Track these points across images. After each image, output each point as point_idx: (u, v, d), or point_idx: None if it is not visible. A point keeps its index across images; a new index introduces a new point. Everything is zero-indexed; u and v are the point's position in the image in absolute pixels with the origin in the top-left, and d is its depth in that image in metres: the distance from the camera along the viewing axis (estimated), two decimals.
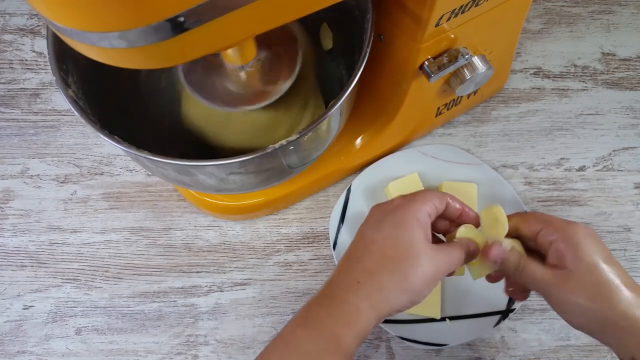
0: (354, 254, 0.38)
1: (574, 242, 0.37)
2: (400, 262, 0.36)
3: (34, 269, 0.56)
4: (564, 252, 0.37)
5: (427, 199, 0.39)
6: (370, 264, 0.37)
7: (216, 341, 0.53)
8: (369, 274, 0.36)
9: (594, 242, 0.37)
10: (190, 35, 0.27)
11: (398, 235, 0.37)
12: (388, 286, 0.36)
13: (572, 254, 0.37)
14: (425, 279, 0.36)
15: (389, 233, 0.37)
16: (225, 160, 0.37)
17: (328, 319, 0.35)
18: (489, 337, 0.53)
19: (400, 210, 0.38)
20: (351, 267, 0.37)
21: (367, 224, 0.40)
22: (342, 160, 0.57)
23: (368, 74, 0.43)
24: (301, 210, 0.59)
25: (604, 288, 0.36)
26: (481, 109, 0.63)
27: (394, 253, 0.36)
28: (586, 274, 0.36)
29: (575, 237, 0.37)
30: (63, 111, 0.63)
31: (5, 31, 0.67)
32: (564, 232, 0.38)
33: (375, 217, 0.40)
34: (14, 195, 0.59)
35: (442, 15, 0.41)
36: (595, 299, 0.35)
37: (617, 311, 0.35)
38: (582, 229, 0.38)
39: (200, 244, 0.57)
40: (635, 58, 0.66)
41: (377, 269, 0.36)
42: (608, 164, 0.61)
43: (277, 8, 0.30)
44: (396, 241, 0.37)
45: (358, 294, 0.35)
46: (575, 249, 0.37)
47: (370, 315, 0.35)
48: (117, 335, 0.53)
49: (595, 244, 0.37)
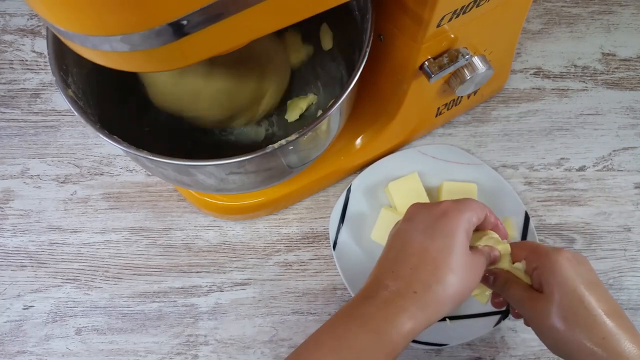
0: (407, 259, 0.38)
1: (551, 268, 0.38)
2: (451, 275, 0.37)
3: (34, 269, 0.56)
4: (542, 277, 0.38)
5: (473, 209, 0.39)
6: (425, 275, 0.37)
7: (216, 341, 0.53)
8: (426, 286, 0.36)
9: (572, 267, 0.37)
10: (192, 38, 0.27)
11: (449, 246, 0.37)
12: (441, 299, 0.36)
13: (548, 278, 0.38)
14: (468, 288, 0.38)
15: (442, 243, 0.38)
16: (224, 160, 0.37)
17: (384, 323, 0.35)
18: (489, 337, 0.53)
19: (450, 219, 0.38)
20: (406, 274, 0.37)
21: (413, 225, 0.40)
22: (342, 160, 0.57)
23: (368, 74, 0.43)
24: (301, 210, 0.59)
25: (575, 312, 0.36)
26: (481, 109, 0.63)
27: (445, 265, 0.37)
28: (557, 297, 0.37)
29: (556, 263, 0.38)
30: (63, 111, 0.63)
31: (5, 31, 0.67)
32: (546, 259, 0.38)
33: (423, 219, 0.39)
34: (14, 195, 0.59)
35: (443, 16, 0.41)
36: (568, 325, 0.36)
37: (594, 341, 0.35)
38: (564, 253, 0.38)
39: (200, 244, 0.57)
40: (635, 58, 0.66)
41: (433, 282, 0.36)
42: (608, 164, 0.61)
43: (279, 11, 0.30)
44: (448, 252, 0.37)
45: (416, 304, 0.36)
46: (551, 273, 0.37)
47: (422, 323, 0.36)
48: (117, 335, 0.53)
49: (574, 269, 0.37)
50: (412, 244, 0.38)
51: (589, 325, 0.35)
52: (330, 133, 0.45)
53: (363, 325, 0.36)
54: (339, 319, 0.37)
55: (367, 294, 0.38)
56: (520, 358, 0.52)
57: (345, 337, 0.36)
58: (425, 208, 0.40)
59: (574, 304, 0.36)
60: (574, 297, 0.36)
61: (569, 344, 0.36)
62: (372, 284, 0.38)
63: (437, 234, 0.38)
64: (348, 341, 0.36)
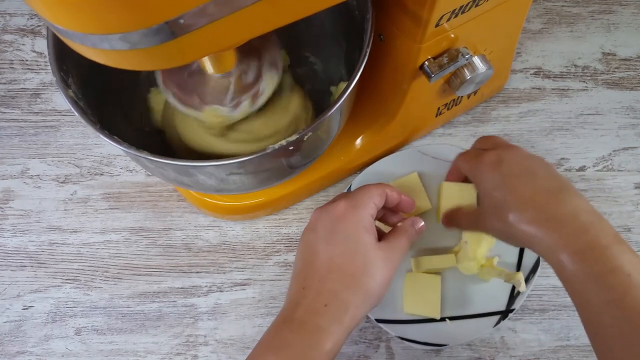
0: (314, 272, 0.38)
1: (478, 182, 0.43)
2: (360, 276, 0.37)
3: (33, 269, 0.56)
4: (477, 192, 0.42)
5: (368, 203, 0.40)
6: (332, 284, 0.37)
7: (216, 341, 0.53)
8: (334, 295, 0.37)
9: (490, 170, 0.41)
10: (191, 36, 0.27)
11: (352, 249, 0.38)
12: (353, 303, 0.37)
13: (479, 193, 0.43)
14: (383, 282, 0.38)
15: (344, 247, 0.38)
16: (225, 160, 0.37)
17: (301, 344, 0.35)
18: (489, 337, 0.53)
19: (347, 220, 0.39)
20: (314, 288, 0.37)
21: (316, 234, 0.40)
22: (342, 160, 0.57)
23: (368, 74, 0.43)
24: (301, 210, 0.59)
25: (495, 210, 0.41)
26: (481, 109, 0.63)
27: (352, 269, 0.37)
28: (485, 203, 0.42)
29: (480, 175, 0.42)
30: (63, 111, 0.63)
31: (5, 31, 0.67)
32: (475, 172, 0.43)
33: (324, 226, 0.40)
34: (14, 195, 0.59)
35: (442, 16, 0.41)
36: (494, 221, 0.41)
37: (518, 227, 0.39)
38: (485, 159, 0.42)
39: (200, 244, 0.57)
40: (635, 58, 0.66)
41: (340, 289, 0.37)
42: (608, 164, 0.61)
43: (278, 9, 0.30)
44: (352, 255, 0.38)
45: (328, 317, 0.36)
46: (479, 188, 0.43)
47: (341, 333, 0.36)
48: (116, 335, 0.53)
49: (492, 172, 0.41)
50: (318, 254, 0.39)
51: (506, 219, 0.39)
52: (330, 133, 0.45)
53: (278, 353, 0.35)
54: (257, 349, 0.37)
55: (283, 317, 0.38)
56: (520, 358, 0.52)
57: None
58: (325, 213, 0.40)
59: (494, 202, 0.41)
60: (493, 199, 0.41)
61: (511, 235, 0.40)
62: (288, 305, 0.38)
63: (337, 238, 0.38)
64: None
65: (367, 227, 0.39)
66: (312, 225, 0.41)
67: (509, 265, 0.53)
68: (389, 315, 0.52)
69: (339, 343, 0.36)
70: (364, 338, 0.53)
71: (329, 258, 0.38)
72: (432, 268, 0.52)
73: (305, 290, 0.38)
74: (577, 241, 0.35)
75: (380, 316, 0.51)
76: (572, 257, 0.35)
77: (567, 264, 0.35)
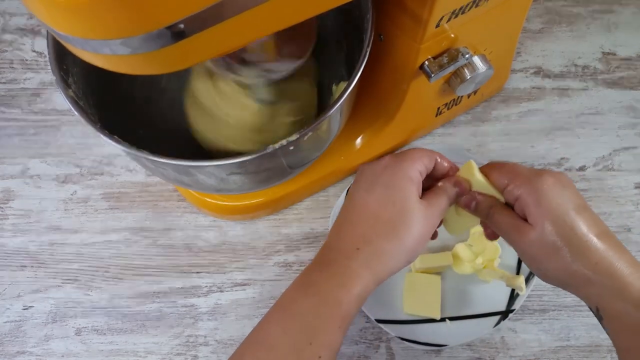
0: (349, 218, 0.38)
1: (536, 195, 0.35)
2: (395, 225, 0.36)
3: (34, 269, 0.56)
4: (527, 205, 0.36)
5: (417, 157, 0.38)
6: (366, 229, 0.36)
7: (216, 342, 0.53)
8: (367, 241, 0.36)
9: (559, 193, 0.35)
10: (191, 41, 0.27)
11: (390, 196, 0.37)
12: (386, 251, 0.36)
13: (534, 208, 0.35)
14: (420, 237, 0.37)
15: (382, 194, 0.37)
16: (225, 160, 0.37)
17: (327, 284, 0.35)
18: (489, 337, 0.53)
19: (391, 170, 0.38)
20: (348, 232, 0.37)
21: (358, 185, 0.39)
22: (342, 160, 0.57)
23: (368, 74, 0.43)
24: (301, 210, 0.59)
25: (567, 241, 0.34)
26: (481, 108, 0.63)
27: (388, 216, 0.36)
28: (547, 226, 0.35)
29: (539, 189, 0.35)
30: (63, 111, 0.63)
31: (5, 31, 0.67)
32: (528, 185, 0.36)
33: (366, 177, 0.39)
34: (14, 195, 0.59)
35: (442, 16, 0.41)
36: (561, 254, 0.34)
37: (587, 267, 0.34)
38: (548, 178, 0.36)
39: (201, 244, 0.57)
40: (635, 57, 0.66)
41: (373, 235, 0.36)
42: (608, 163, 0.61)
43: (277, 13, 0.30)
44: (390, 203, 0.37)
45: (358, 260, 0.35)
46: (538, 202, 0.35)
47: (370, 279, 0.35)
48: (117, 335, 0.53)
49: (561, 195, 0.35)
50: (355, 203, 0.38)
51: (581, 252, 0.34)
52: (330, 133, 0.45)
53: (305, 291, 0.36)
54: (287, 291, 0.37)
55: (315, 261, 0.37)
56: (520, 358, 0.52)
57: (289, 307, 0.36)
58: (369, 166, 0.40)
59: (565, 233, 0.34)
60: (565, 225, 0.34)
61: (562, 272, 0.35)
62: (321, 250, 0.38)
63: (377, 188, 0.37)
64: (292, 310, 0.35)
65: (413, 179, 0.37)
66: (356, 178, 0.40)
67: (509, 267, 0.53)
68: (389, 315, 0.52)
69: (367, 288, 0.35)
70: (364, 338, 0.53)
71: (364, 204, 0.37)
72: (429, 267, 0.52)
73: (339, 236, 0.37)
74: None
75: (381, 316, 0.51)
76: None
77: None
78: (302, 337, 0.34)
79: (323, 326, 0.34)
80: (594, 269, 0.34)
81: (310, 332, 0.34)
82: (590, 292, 0.35)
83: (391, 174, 0.38)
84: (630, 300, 0.33)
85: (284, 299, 0.37)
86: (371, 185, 0.38)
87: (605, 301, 0.34)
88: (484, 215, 0.38)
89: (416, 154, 0.39)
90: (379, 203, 0.37)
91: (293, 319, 0.35)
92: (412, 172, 0.37)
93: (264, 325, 0.36)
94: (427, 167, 0.39)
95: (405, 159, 0.38)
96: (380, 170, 0.38)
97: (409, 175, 0.37)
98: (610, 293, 0.34)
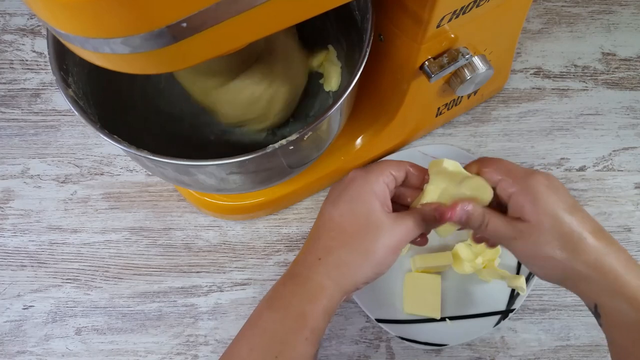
0: (315, 233, 0.38)
1: (533, 195, 0.35)
2: (359, 237, 0.36)
3: (34, 269, 0.56)
4: (523, 205, 0.36)
5: (383, 169, 0.39)
6: (328, 241, 0.37)
7: (216, 341, 0.53)
8: (328, 251, 0.36)
9: (554, 192, 0.36)
10: (192, 40, 0.27)
11: (354, 209, 0.37)
12: (348, 261, 0.36)
13: (532, 207, 0.35)
14: (386, 250, 0.36)
15: (346, 208, 0.37)
16: (225, 160, 0.37)
17: (292, 297, 0.35)
18: (489, 337, 0.53)
19: (356, 183, 0.38)
20: (313, 245, 0.38)
21: (326, 200, 0.40)
22: (342, 160, 0.57)
23: (368, 74, 0.43)
24: (301, 210, 0.59)
25: (566, 239, 0.35)
26: (481, 109, 0.63)
27: (352, 228, 0.37)
28: (546, 226, 0.35)
29: (534, 188, 0.35)
30: (63, 111, 0.63)
31: (5, 31, 0.67)
32: (523, 184, 0.36)
33: (333, 192, 0.40)
34: (14, 195, 0.59)
35: (443, 16, 0.41)
36: (556, 250, 0.35)
37: (579, 260, 0.34)
38: (541, 179, 0.36)
39: (200, 244, 0.57)
40: (635, 58, 0.66)
41: (335, 246, 0.36)
42: (608, 164, 0.61)
43: (279, 12, 0.30)
44: (353, 215, 0.37)
45: (319, 270, 0.36)
46: (535, 202, 0.35)
47: (334, 290, 0.36)
48: (117, 335, 0.53)
49: (556, 194, 0.36)
50: (322, 217, 0.39)
51: (580, 249, 0.34)
52: (330, 133, 0.45)
53: (270, 305, 0.36)
54: (257, 306, 0.37)
55: (283, 276, 0.38)
56: (520, 358, 0.52)
57: (256, 322, 0.36)
58: (338, 182, 0.40)
59: (564, 230, 0.35)
60: (563, 223, 0.35)
61: (563, 270, 0.35)
62: (290, 266, 0.38)
63: (341, 202, 0.38)
64: (258, 326, 0.36)
65: (377, 191, 0.37)
66: (327, 196, 0.41)
67: (509, 267, 0.53)
68: (389, 315, 0.52)
69: (333, 300, 0.35)
70: (364, 338, 0.53)
71: (329, 218, 0.38)
72: (429, 266, 0.52)
73: (305, 250, 0.38)
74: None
75: (380, 316, 0.51)
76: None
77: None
78: (268, 353, 0.34)
79: (289, 339, 0.34)
80: (593, 266, 0.34)
81: (276, 347, 0.34)
82: (589, 289, 0.35)
83: (356, 188, 0.38)
84: (626, 299, 0.33)
85: (252, 315, 0.37)
86: (337, 199, 0.39)
87: (602, 298, 0.34)
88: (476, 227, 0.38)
89: (383, 166, 0.39)
90: (343, 216, 0.37)
91: (260, 335, 0.35)
92: (376, 185, 0.38)
93: (234, 343, 0.36)
94: (396, 178, 0.39)
95: (371, 172, 0.39)
96: (346, 184, 0.39)
97: (373, 189, 0.38)
98: (608, 290, 0.34)
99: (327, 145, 0.47)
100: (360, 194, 0.38)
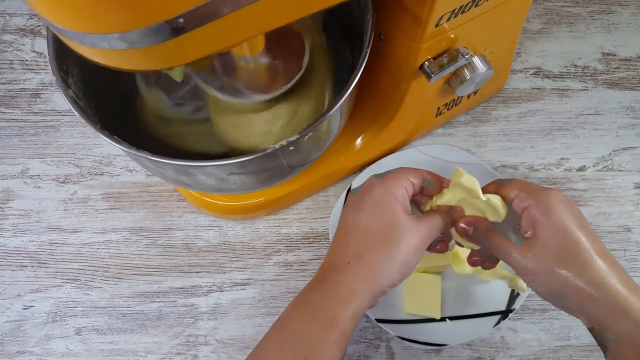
0: (342, 239, 0.39)
1: (546, 207, 0.36)
2: (385, 238, 0.37)
3: (34, 269, 0.56)
4: (536, 216, 0.36)
5: (401, 176, 0.40)
6: (357, 245, 0.37)
7: (216, 341, 0.53)
8: (358, 255, 0.37)
9: (567, 209, 0.36)
10: (189, 36, 0.27)
11: (378, 213, 0.38)
12: (377, 263, 0.36)
13: (544, 219, 0.36)
14: (410, 249, 0.37)
15: (369, 212, 0.38)
16: (225, 160, 0.37)
17: (322, 301, 0.35)
18: (489, 337, 0.53)
19: (375, 189, 0.39)
20: (340, 251, 0.38)
21: (348, 208, 0.40)
22: (342, 160, 0.57)
23: (368, 74, 0.43)
24: (301, 210, 0.59)
25: (573, 254, 0.35)
26: (481, 109, 0.63)
27: (377, 230, 0.37)
28: (554, 239, 0.35)
29: (548, 201, 0.36)
30: (63, 111, 0.63)
31: (5, 31, 0.67)
32: (537, 197, 0.37)
33: (353, 200, 0.40)
34: (14, 195, 0.59)
35: (442, 16, 0.41)
36: (561, 265, 0.35)
37: (584, 277, 0.34)
38: (557, 194, 0.37)
39: (200, 244, 0.57)
40: (635, 58, 0.66)
41: (364, 249, 0.37)
42: (608, 164, 0.61)
43: (278, 9, 0.30)
44: (377, 218, 0.38)
45: (350, 274, 0.36)
46: (547, 214, 0.36)
47: (364, 293, 0.36)
48: (117, 335, 0.53)
49: (569, 210, 0.36)
50: (346, 224, 0.39)
51: (586, 268, 0.34)
52: (330, 133, 0.45)
53: (298, 309, 0.36)
54: (284, 310, 0.37)
55: (310, 282, 0.38)
56: (520, 358, 0.52)
57: (285, 325, 0.36)
58: (356, 190, 0.41)
59: (571, 247, 0.35)
60: (572, 239, 0.35)
61: (565, 287, 0.35)
62: (316, 273, 0.39)
63: (364, 207, 0.38)
64: (286, 328, 0.36)
65: (397, 196, 0.38)
66: (345, 205, 0.41)
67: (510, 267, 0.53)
68: (389, 315, 0.52)
69: (362, 303, 0.36)
70: (364, 338, 0.53)
71: (354, 224, 0.38)
72: (429, 266, 0.52)
73: (332, 256, 0.38)
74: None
75: (380, 316, 0.51)
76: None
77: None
78: (297, 354, 0.34)
79: (318, 342, 0.35)
80: (599, 284, 0.34)
81: (305, 348, 0.34)
82: (595, 309, 0.35)
83: (377, 193, 0.39)
84: (634, 320, 0.33)
85: (280, 318, 0.37)
86: (359, 205, 0.39)
87: (610, 320, 0.34)
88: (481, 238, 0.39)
89: (400, 173, 0.40)
90: (368, 220, 0.38)
91: (288, 337, 0.35)
92: (396, 190, 0.39)
93: (261, 344, 0.36)
94: (414, 185, 0.40)
95: (389, 179, 0.39)
96: (365, 191, 0.39)
97: (393, 193, 0.38)
98: (617, 311, 0.34)
99: (327, 146, 0.47)
100: (382, 199, 0.38)
